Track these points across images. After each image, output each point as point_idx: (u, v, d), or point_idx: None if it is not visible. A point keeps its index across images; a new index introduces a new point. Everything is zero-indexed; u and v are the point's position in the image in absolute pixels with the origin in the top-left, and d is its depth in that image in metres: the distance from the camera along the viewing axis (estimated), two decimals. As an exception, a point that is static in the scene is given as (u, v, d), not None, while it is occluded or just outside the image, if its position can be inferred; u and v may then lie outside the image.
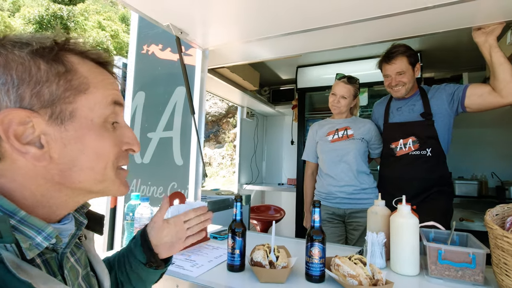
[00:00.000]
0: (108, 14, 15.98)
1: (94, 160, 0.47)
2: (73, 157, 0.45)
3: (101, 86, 0.49)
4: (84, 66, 0.48)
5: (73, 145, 0.45)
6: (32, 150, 0.42)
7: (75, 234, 0.53)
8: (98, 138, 0.47)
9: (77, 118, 0.45)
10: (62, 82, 0.44)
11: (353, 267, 0.88)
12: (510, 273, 0.79)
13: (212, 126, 10.78)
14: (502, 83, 1.35)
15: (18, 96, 0.42)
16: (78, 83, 0.46)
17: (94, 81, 0.48)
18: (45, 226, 0.43)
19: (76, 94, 0.46)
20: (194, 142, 1.73)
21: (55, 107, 0.44)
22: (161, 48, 1.98)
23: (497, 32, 1.36)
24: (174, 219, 0.80)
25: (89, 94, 0.47)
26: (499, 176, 2.84)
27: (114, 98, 0.51)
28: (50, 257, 0.47)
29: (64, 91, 0.44)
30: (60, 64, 0.45)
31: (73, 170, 0.46)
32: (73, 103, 0.45)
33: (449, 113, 1.56)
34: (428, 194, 1.58)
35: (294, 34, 1.53)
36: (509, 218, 0.96)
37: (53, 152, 0.44)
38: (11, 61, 0.42)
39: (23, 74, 0.42)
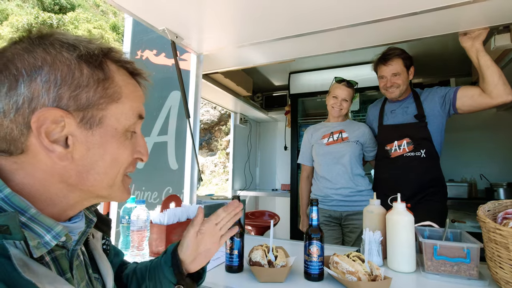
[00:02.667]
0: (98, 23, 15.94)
1: (109, 166, 0.49)
2: (93, 161, 0.47)
3: (131, 98, 0.51)
4: (120, 76, 0.50)
5: (96, 150, 0.47)
6: (59, 149, 0.44)
7: (85, 232, 0.54)
8: (118, 146, 0.49)
9: (104, 125, 0.47)
10: (99, 89, 0.46)
11: (352, 264, 0.89)
12: (504, 265, 0.81)
13: (205, 134, 10.75)
14: (491, 85, 1.40)
15: (58, 96, 0.43)
16: (113, 92, 0.48)
17: (126, 92, 0.50)
18: (54, 224, 0.44)
19: (109, 102, 0.47)
20: (189, 146, 1.73)
21: (87, 112, 0.45)
22: (156, 53, 1.99)
23: (482, 37, 1.42)
24: (207, 226, 0.74)
25: (119, 104, 0.49)
26: (488, 178, 2.91)
27: (139, 111, 0.53)
28: (60, 254, 0.47)
29: (100, 98, 0.46)
30: (101, 71, 0.47)
31: (90, 173, 0.47)
32: (104, 110, 0.47)
33: (441, 115, 1.61)
34: (424, 195, 1.60)
35: (287, 39, 1.57)
36: (500, 214, 0.99)
37: (76, 153, 0.45)
38: (58, 62, 0.43)
39: (67, 76, 0.44)
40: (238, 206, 0.80)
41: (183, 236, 0.74)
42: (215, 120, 10.49)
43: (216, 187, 9.52)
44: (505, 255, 0.80)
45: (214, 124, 10.63)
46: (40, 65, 0.43)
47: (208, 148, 10.78)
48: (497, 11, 1.29)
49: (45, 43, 0.44)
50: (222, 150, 10.30)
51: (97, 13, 17.29)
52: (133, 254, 1.11)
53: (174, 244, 0.75)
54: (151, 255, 1.16)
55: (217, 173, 10.11)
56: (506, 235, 0.78)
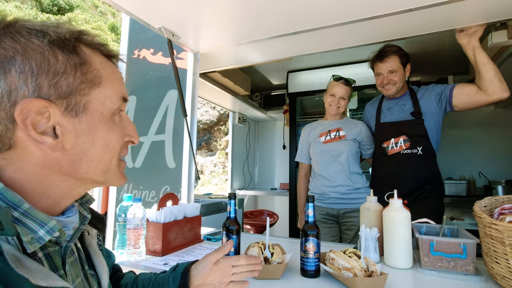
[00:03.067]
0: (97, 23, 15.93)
1: (102, 152, 0.48)
2: (84, 148, 0.46)
3: (112, 81, 0.50)
4: (96, 59, 0.49)
5: (85, 137, 0.46)
6: (49, 140, 0.43)
7: (78, 228, 0.53)
8: (107, 131, 0.48)
9: (90, 111, 0.46)
10: (78, 74, 0.45)
11: (348, 260, 0.88)
12: (500, 260, 0.81)
13: (204, 134, 10.74)
14: (487, 81, 1.40)
15: (37, 86, 0.42)
16: (93, 76, 0.47)
17: (106, 75, 0.49)
18: (48, 219, 0.43)
19: (91, 87, 0.46)
20: (187, 145, 1.73)
21: (70, 99, 0.44)
22: (153, 52, 1.99)
23: (479, 33, 1.42)
24: (224, 262, 0.73)
25: (101, 88, 0.48)
26: (486, 175, 2.92)
27: (122, 94, 0.52)
28: (53, 251, 0.46)
29: (80, 83, 0.45)
30: (76, 56, 0.45)
31: (82, 161, 0.46)
32: (87, 96, 0.46)
33: (438, 112, 1.61)
34: (421, 192, 1.60)
35: (284, 37, 1.57)
36: (496, 209, 0.99)
37: (66, 142, 0.44)
38: (30, 50, 0.42)
39: (42, 63, 0.42)
40: (259, 265, 0.79)
41: (204, 257, 0.73)
42: (214, 120, 10.48)
43: (215, 187, 9.52)
44: (500, 250, 0.80)
45: (214, 124, 10.63)
46: (12, 55, 0.41)
47: (207, 148, 10.77)
48: (494, 7, 1.28)
49: (11, 32, 0.42)
50: (221, 150, 10.30)
51: (95, 14, 17.28)
52: (130, 252, 1.11)
53: (185, 263, 0.73)
54: (148, 253, 1.16)
55: (216, 173, 10.11)
56: (502, 230, 0.78)
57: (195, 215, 1.37)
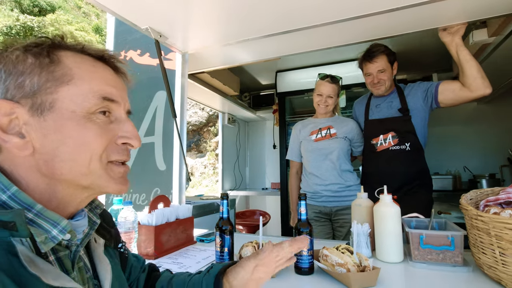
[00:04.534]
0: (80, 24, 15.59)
1: (76, 151, 0.46)
2: (54, 147, 0.45)
3: (88, 79, 0.48)
4: (71, 58, 0.47)
5: (53, 135, 0.45)
6: (14, 140, 0.43)
7: (88, 233, 0.53)
8: (78, 129, 0.46)
9: (57, 109, 0.45)
10: (44, 74, 0.44)
11: (341, 256, 0.90)
12: (486, 251, 0.84)
13: (193, 136, 10.65)
14: (470, 78, 1.44)
15: (4, 88, 0.43)
16: (61, 74, 0.45)
17: (79, 73, 0.47)
18: (60, 219, 0.44)
19: (57, 85, 0.45)
20: (177, 146, 1.72)
21: (36, 98, 0.44)
22: (140, 53, 1.97)
23: (461, 32, 1.47)
24: (267, 259, 0.67)
25: (72, 85, 0.46)
26: (471, 170, 3.01)
27: (103, 94, 0.48)
28: (63, 255, 0.47)
29: (45, 82, 0.44)
30: (46, 57, 0.45)
31: (55, 161, 0.45)
32: (53, 94, 0.45)
33: (424, 109, 1.64)
34: (410, 187, 1.64)
35: (272, 36, 1.58)
36: (482, 202, 1.02)
37: (35, 142, 0.44)
38: (4, 58, 0.44)
39: (10, 67, 0.43)
40: (304, 241, 0.71)
41: (240, 263, 0.68)
42: (204, 122, 10.41)
43: (206, 189, 9.45)
44: (487, 241, 0.83)
45: (203, 125, 10.56)
46: None
47: (197, 149, 10.69)
48: (475, 6, 1.33)
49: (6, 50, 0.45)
50: (211, 151, 10.24)
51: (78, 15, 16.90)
52: (121, 256, 1.09)
53: (220, 265, 0.69)
54: (140, 256, 1.15)
55: (207, 174, 10.04)
56: (487, 221, 0.80)
57: (187, 217, 1.36)
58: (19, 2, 14.69)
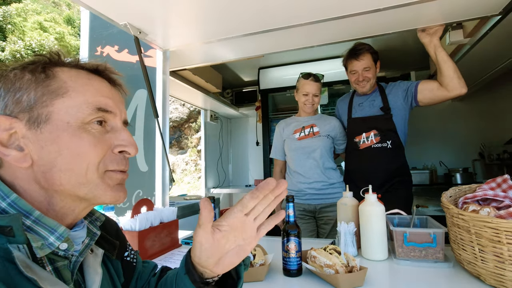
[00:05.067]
0: (50, 15, 14.76)
1: (73, 162, 0.47)
2: (51, 158, 0.46)
3: (84, 91, 0.49)
4: (67, 73, 0.49)
5: (50, 147, 0.46)
6: (13, 153, 0.45)
7: (88, 244, 0.53)
8: (73, 139, 0.47)
9: (53, 121, 0.46)
10: (40, 88, 0.46)
11: (329, 257, 0.90)
12: (466, 247, 0.87)
13: (174, 132, 10.45)
14: (447, 78, 1.49)
15: (3, 105, 0.46)
16: (56, 88, 0.47)
17: (74, 85, 0.49)
18: (57, 225, 0.45)
19: (53, 97, 0.47)
20: (159, 146, 1.67)
21: (32, 112, 0.46)
22: (117, 49, 1.88)
23: (439, 33, 1.51)
24: (231, 221, 0.53)
25: (67, 98, 0.47)
26: (446, 164, 3.14)
27: (97, 105, 0.49)
28: (62, 265, 0.47)
29: (41, 95, 0.46)
30: (43, 73, 0.47)
31: (53, 171, 0.46)
32: (49, 107, 0.46)
33: (404, 108, 1.69)
34: (391, 184, 1.68)
35: (255, 35, 1.55)
36: (460, 199, 1.07)
37: (33, 154, 0.46)
38: (4, 77, 0.47)
39: (9, 85, 0.46)
40: (277, 186, 0.53)
41: (193, 238, 0.56)
42: (184, 118, 10.23)
43: (188, 186, 9.33)
44: (467, 238, 0.86)
45: (184, 121, 10.38)
46: None
47: (178, 146, 10.51)
48: (451, 9, 1.37)
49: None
50: (192, 148, 10.10)
51: (48, 4, 15.99)
52: (103, 264, 1.05)
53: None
54: (123, 264, 1.11)
55: (188, 171, 9.91)
56: (468, 220, 0.84)
57: (172, 220, 1.33)
58: (-20, -11, 13.72)
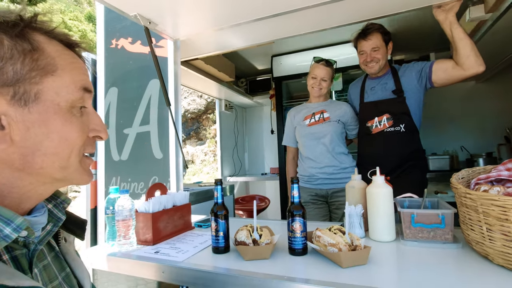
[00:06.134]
0: (73, 13, 15.26)
1: (59, 146, 0.45)
2: (37, 141, 0.43)
3: (70, 70, 0.46)
4: (52, 47, 0.45)
5: (37, 129, 0.42)
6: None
7: (50, 231, 0.50)
8: (64, 123, 0.45)
9: (42, 101, 0.43)
10: (27, 61, 0.41)
11: (333, 237, 0.92)
12: (474, 227, 0.85)
13: (192, 123, 10.63)
14: (463, 57, 1.42)
15: None
16: (45, 64, 0.43)
17: (62, 63, 0.45)
18: (14, 216, 0.41)
19: (42, 75, 0.43)
20: (172, 134, 1.72)
21: (18, 87, 0.41)
22: (131, 41, 1.94)
23: (455, 9, 1.43)
24: None
25: (56, 77, 0.44)
26: (468, 149, 3.01)
27: (83, 84, 0.48)
28: (20, 254, 0.44)
29: (30, 70, 0.42)
30: (26, 42, 0.42)
31: (36, 155, 0.43)
32: (38, 84, 0.42)
33: (418, 89, 1.63)
34: (404, 168, 1.65)
35: (266, 19, 1.54)
36: (473, 180, 1.04)
37: (15, 134, 0.41)
38: None
39: None
40: None
41: None
42: (202, 109, 10.36)
43: (207, 176, 9.52)
44: (475, 217, 0.84)
45: (202, 113, 10.51)
46: None
47: (197, 137, 10.69)
48: (470, -18, 1.30)
49: None
50: (211, 138, 10.24)
51: (70, 3, 16.52)
52: (121, 243, 1.12)
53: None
54: (139, 243, 1.17)
55: (207, 161, 10.09)
56: (475, 199, 0.82)
57: (185, 203, 1.38)
58: (8, -9, 14.36)
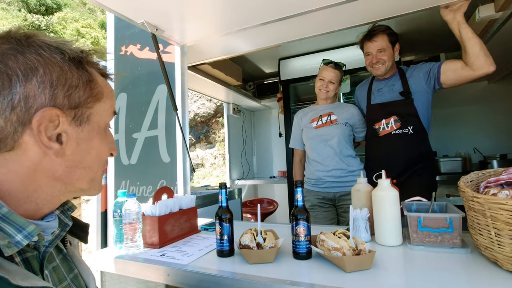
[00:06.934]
0: (86, 21, 15.69)
1: (95, 160, 0.53)
2: (82, 156, 0.51)
3: (110, 97, 0.56)
4: (99, 77, 0.55)
5: (84, 145, 0.51)
6: (56, 146, 0.47)
7: (59, 235, 0.54)
8: (101, 141, 0.54)
9: (91, 122, 0.52)
10: (87, 89, 0.51)
11: (337, 241, 0.91)
12: (483, 232, 0.83)
13: (202, 127, 10.72)
14: (472, 56, 1.40)
15: (53, 96, 0.46)
16: (97, 92, 0.53)
17: (106, 91, 0.55)
18: (26, 224, 0.43)
19: (95, 101, 0.52)
20: (180, 138, 1.74)
21: (78, 110, 0.49)
22: (140, 47, 1.98)
23: (463, 8, 1.41)
24: None
25: (102, 102, 0.54)
26: (481, 151, 2.93)
27: (114, 108, 0.59)
28: (31, 256, 0.47)
29: (88, 97, 0.51)
30: (86, 73, 0.51)
31: (78, 167, 0.51)
32: (91, 108, 0.52)
33: (427, 91, 1.61)
34: (413, 171, 1.62)
35: (271, 23, 1.56)
36: (482, 183, 1.01)
37: (68, 149, 0.49)
38: (50, 64, 0.46)
39: (60, 77, 0.47)
40: None
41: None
42: (212, 113, 10.44)
43: (217, 179, 9.57)
44: (483, 222, 0.82)
45: (211, 116, 10.59)
46: (36, 66, 0.45)
47: (206, 141, 10.77)
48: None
49: (33, 45, 0.46)
50: (220, 142, 10.30)
51: (84, 11, 17.00)
52: (128, 246, 1.14)
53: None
54: (146, 246, 1.19)
55: (217, 165, 10.14)
56: (483, 202, 0.80)
57: (191, 207, 1.40)
58: (26, 1, 14.88)
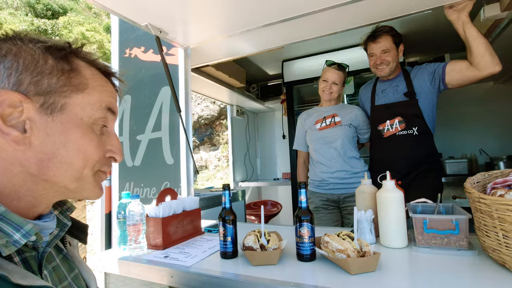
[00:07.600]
0: (92, 25, 15.86)
1: (74, 156, 0.48)
2: (54, 148, 0.46)
3: (99, 91, 0.52)
4: (89, 71, 0.51)
5: (57, 137, 0.46)
6: (14, 133, 0.43)
7: (57, 235, 0.53)
8: (83, 137, 0.49)
9: (67, 112, 0.47)
10: (63, 78, 0.47)
11: (341, 243, 0.90)
12: (490, 234, 0.82)
13: (206, 129, 10.74)
14: (478, 56, 1.38)
15: (17, 81, 0.44)
16: (78, 82, 0.49)
17: (93, 84, 0.51)
18: (24, 223, 0.43)
19: (73, 91, 0.48)
20: (183, 140, 1.75)
21: (48, 97, 0.46)
22: (144, 50, 1.99)
23: (468, 8, 1.39)
24: None
25: (85, 94, 0.49)
26: (487, 152, 2.90)
27: (108, 104, 0.53)
28: (30, 256, 0.46)
29: (63, 85, 0.47)
30: (67, 63, 0.48)
31: (51, 161, 0.46)
32: (67, 98, 0.47)
33: (431, 91, 1.60)
34: (418, 172, 1.61)
35: (275, 25, 1.56)
36: (489, 184, 0.99)
37: (35, 139, 0.45)
38: (22, 51, 0.45)
39: (30, 63, 0.45)
40: None
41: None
42: (215, 115, 10.46)
43: (221, 181, 9.57)
44: (490, 223, 0.81)
45: (215, 118, 10.61)
46: (4, 54, 0.44)
47: (210, 143, 10.79)
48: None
49: (14, 38, 0.46)
50: (224, 144, 10.30)
51: (89, 15, 17.20)
52: (131, 247, 1.14)
53: None
54: (149, 247, 1.19)
55: (221, 167, 10.14)
56: (490, 204, 0.78)
57: (194, 208, 1.40)
58: (33, 6, 15.10)
